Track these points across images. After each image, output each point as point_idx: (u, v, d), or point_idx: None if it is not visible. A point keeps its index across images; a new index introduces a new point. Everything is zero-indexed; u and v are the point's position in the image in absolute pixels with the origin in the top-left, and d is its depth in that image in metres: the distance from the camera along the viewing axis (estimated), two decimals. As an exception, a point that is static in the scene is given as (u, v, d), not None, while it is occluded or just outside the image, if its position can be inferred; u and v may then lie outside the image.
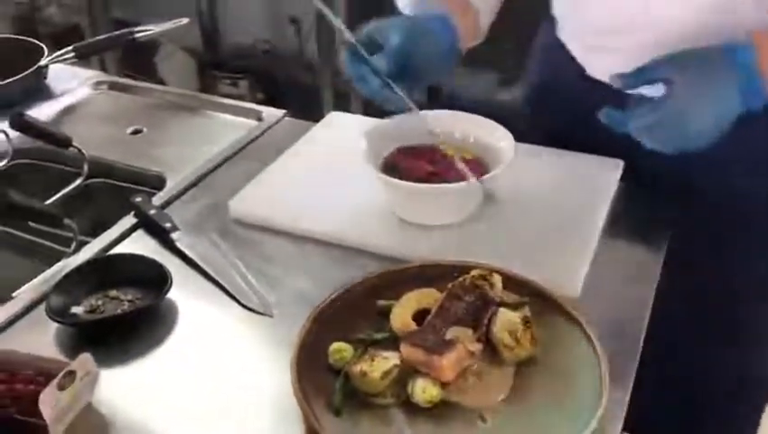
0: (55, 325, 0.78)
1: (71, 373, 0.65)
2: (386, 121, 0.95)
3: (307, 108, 1.29)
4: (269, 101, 1.26)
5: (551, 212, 0.90)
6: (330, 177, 0.98)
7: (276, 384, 0.71)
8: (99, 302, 0.80)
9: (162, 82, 2.68)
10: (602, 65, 0.91)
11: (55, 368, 0.66)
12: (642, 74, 0.79)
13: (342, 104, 2.27)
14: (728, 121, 0.76)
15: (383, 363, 0.66)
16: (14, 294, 0.84)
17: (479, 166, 0.90)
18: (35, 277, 0.87)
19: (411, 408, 0.66)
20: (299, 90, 2.58)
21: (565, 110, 1.00)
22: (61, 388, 0.64)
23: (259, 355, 0.76)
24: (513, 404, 0.67)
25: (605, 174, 0.96)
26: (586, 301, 0.78)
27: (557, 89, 1.03)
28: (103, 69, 2.35)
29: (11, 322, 0.80)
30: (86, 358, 0.66)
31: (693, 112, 0.76)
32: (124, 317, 0.77)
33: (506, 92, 2.58)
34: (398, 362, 0.67)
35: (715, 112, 0.76)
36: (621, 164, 0.97)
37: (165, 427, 0.69)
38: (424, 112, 0.96)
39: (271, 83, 2.68)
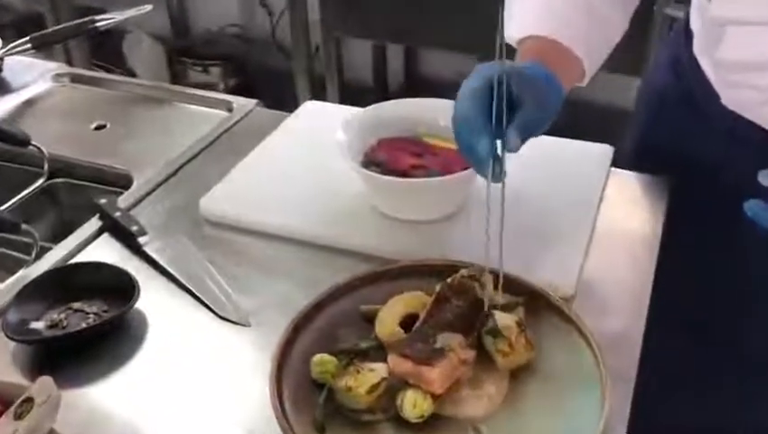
0: (13, 343, 0.72)
1: (29, 400, 0.59)
2: (364, 111, 0.90)
3: (281, 95, 1.24)
4: (242, 88, 1.21)
5: (541, 206, 0.86)
6: (307, 172, 0.93)
7: (256, 399, 0.66)
8: (62, 316, 0.74)
9: (131, 71, 2.60)
10: (740, 98, 0.80)
11: (12, 394, 0.61)
12: None
13: (318, 90, 2.20)
14: None
15: (369, 377, 0.62)
16: (-33, 308, 0.78)
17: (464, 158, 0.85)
18: (-6, 287, 0.81)
19: (401, 423, 0.62)
20: (273, 76, 2.51)
21: (682, 124, 0.89)
22: (18, 417, 0.58)
23: (237, 368, 0.71)
24: (510, 414, 0.62)
25: (596, 162, 0.92)
26: (581, 299, 0.74)
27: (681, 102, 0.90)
28: (68, 60, 2.27)
29: (-36, 340, 0.74)
30: (45, 381, 0.61)
31: None
32: (88, 332, 0.72)
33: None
34: (385, 374, 0.62)
35: None
36: (611, 150, 0.93)
37: (136, 450, 0.64)
38: (405, 100, 0.91)
39: (243, 69, 2.61)
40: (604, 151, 0.93)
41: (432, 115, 0.89)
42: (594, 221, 0.83)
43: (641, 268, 0.79)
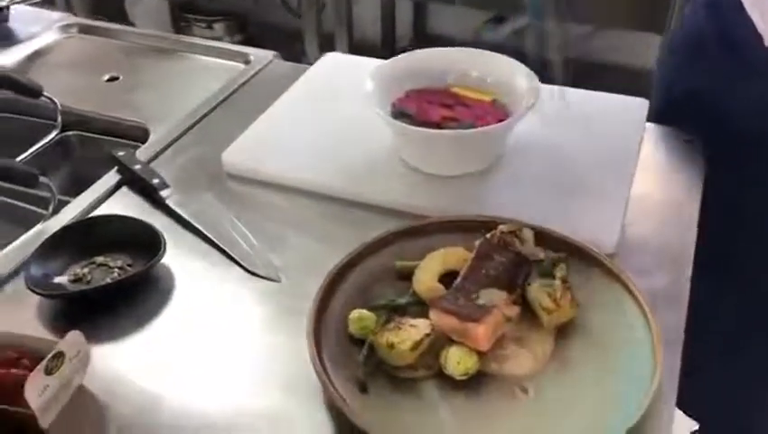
0: (36, 297, 0.69)
1: (60, 355, 0.57)
2: (393, 60, 0.86)
3: (289, 52, 1.19)
4: (246, 44, 1.17)
5: (579, 161, 0.83)
6: (332, 124, 0.90)
7: (289, 357, 0.64)
8: (85, 270, 0.71)
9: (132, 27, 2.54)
10: None
11: (41, 348, 0.59)
12: None
13: (327, 47, 2.15)
14: None
15: (412, 333, 0.59)
16: (-13, 262, 0.75)
17: (498, 109, 0.82)
18: (9, 244, 0.78)
19: (444, 380, 0.60)
20: (277, 32, 2.45)
21: (723, 69, 0.86)
22: (49, 372, 0.56)
23: (268, 325, 0.68)
24: (556, 373, 0.60)
25: (632, 115, 0.88)
26: (623, 256, 0.72)
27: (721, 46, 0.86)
28: (70, 12, 2.20)
29: (-14, 295, 0.72)
30: (76, 336, 0.59)
31: None
32: (115, 286, 0.69)
33: (494, 32, 2.48)
34: (428, 331, 0.60)
35: None
36: (646, 103, 0.90)
37: (168, 406, 0.61)
38: (435, 50, 0.87)
39: (248, 26, 2.55)
40: (640, 104, 0.90)
41: (463, 65, 0.86)
42: (633, 174, 0.80)
43: (683, 225, 0.76)
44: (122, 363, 0.65)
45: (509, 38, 2.45)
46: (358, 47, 2.28)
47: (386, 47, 2.48)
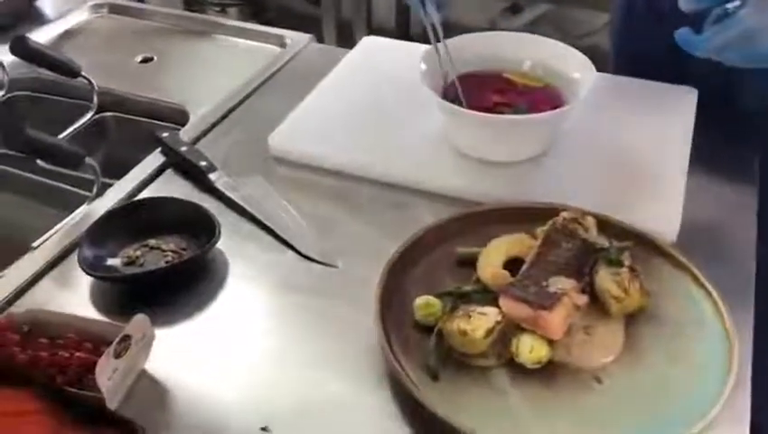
0: (87, 280, 0.68)
1: (126, 338, 0.56)
2: (443, 44, 0.85)
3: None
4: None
5: (632, 147, 0.82)
6: (378, 108, 0.88)
7: (350, 345, 0.63)
8: (138, 253, 0.70)
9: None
10: None
11: (105, 331, 0.58)
12: None
13: (345, 35, 2.13)
14: None
15: (484, 320, 0.58)
16: (33, 244, 0.74)
17: (552, 95, 0.81)
18: (54, 225, 0.77)
19: (515, 369, 0.59)
20: (292, 19, 2.42)
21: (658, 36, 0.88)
22: (117, 355, 0.55)
23: (327, 311, 0.67)
24: (629, 363, 0.59)
25: (682, 103, 0.87)
26: (685, 245, 0.71)
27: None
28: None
29: (35, 278, 0.70)
30: (142, 320, 0.57)
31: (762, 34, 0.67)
32: (172, 270, 0.68)
33: (512, 20, 2.47)
34: (499, 318, 0.59)
35: None
36: (695, 92, 0.89)
37: (228, 391, 0.60)
38: (488, 33, 0.86)
39: (262, 11, 2.52)
40: (689, 92, 0.88)
41: (514, 50, 0.85)
42: (687, 162, 0.79)
43: (741, 213, 0.75)
44: (180, 348, 0.64)
45: (525, 27, 2.44)
46: (375, 34, 2.26)
47: (401, 35, 2.46)
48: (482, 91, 0.82)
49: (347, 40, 2.12)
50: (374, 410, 0.58)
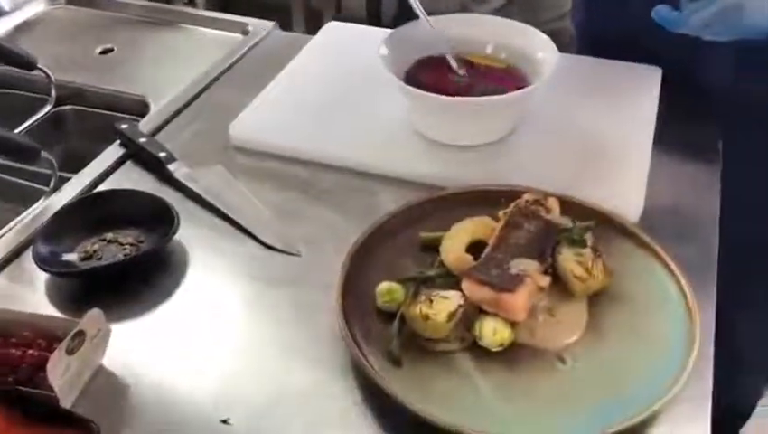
0: (44, 276, 0.67)
1: (80, 334, 0.54)
2: (405, 27, 0.84)
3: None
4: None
5: (596, 128, 0.81)
6: (341, 94, 0.87)
7: (313, 334, 0.62)
8: (95, 247, 0.69)
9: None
10: None
11: (58, 328, 0.56)
12: None
13: (314, 21, 2.11)
14: None
15: (446, 304, 0.58)
16: (-12, 241, 0.72)
17: (515, 76, 0.81)
18: (10, 221, 0.75)
19: (479, 352, 0.58)
20: (258, 7, 2.39)
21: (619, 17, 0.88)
22: (71, 351, 0.54)
23: (290, 300, 0.66)
24: (592, 342, 0.59)
25: (646, 82, 0.87)
26: (648, 225, 0.70)
27: None
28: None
29: (-10, 274, 0.69)
30: (96, 314, 0.56)
31: (750, 5, 0.67)
32: (129, 263, 0.66)
33: (482, 5, 2.45)
34: (461, 301, 0.58)
35: None
36: (659, 71, 0.88)
37: (189, 385, 0.59)
38: (449, 16, 0.85)
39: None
40: (653, 72, 0.88)
41: (476, 32, 0.84)
42: (652, 142, 0.79)
43: (705, 191, 0.75)
44: (138, 343, 0.62)
45: (495, 11, 2.43)
46: (344, 21, 2.24)
47: (372, 21, 2.44)
48: (444, 74, 0.81)
49: (317, 29, 2.09)
50: (338, 398, 0.58)
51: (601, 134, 0.81)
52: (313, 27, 2.10)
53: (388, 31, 0.84)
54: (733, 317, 0.70)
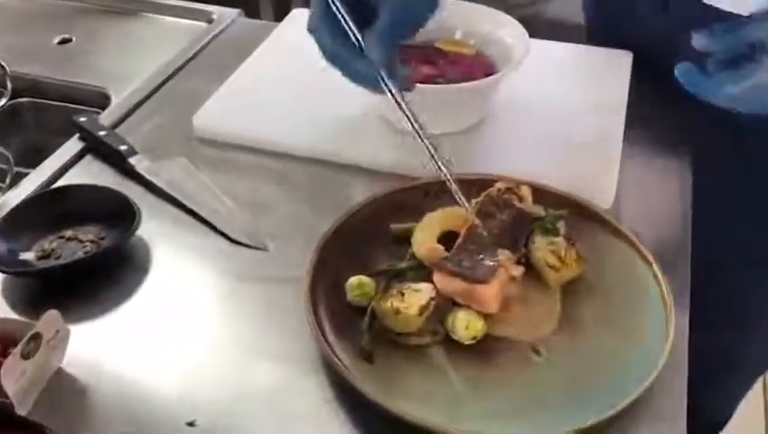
0: (1, 276, 0.64)
1: (37, 337, 0.52)
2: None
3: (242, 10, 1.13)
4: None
5: (567, 114, 0.80)
6: (308, 83, 0.85)
7: (284, 330, 0.60)
8: (54, 245, 0.66)
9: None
10: None
11: (14, 331, 0.54)
12: (735, 33, 0.60)
13: (282, 6, 2.07)
14: None
15: (417, 297, 0.56)
16: (-59, 241, 0.69)
17: (484, 63, 0.79)
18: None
19: (452, 346, 0.57)
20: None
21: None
22: (26, 356, 0.51)
23: (258, 295, 0.64)
24: (566, 333, 0.58)
25: (617, 67, 0.86)
26: (620, 212, 0.70)
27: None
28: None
29: (-57, 276, 0.66)
30: (53, 316, 0.54)
31: None
32: (89, 261, 0.64)
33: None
34: (433, 294, 0.57)
35: None
36: (630, 55, 0.88)
37: (153, 386, 0.57)
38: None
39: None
40: (624, 56, 0.87)
41: (446, 19, 0.82)
42: (623, 128, 0.78)
43: (677, 175, 0.75)
44: (100, 343, 0.60)
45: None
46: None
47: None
48: (414, 62, 0.80)
49: (286, 15, 2.06)
50: (308, 395, 0.56)
51: (572, 120, 0.79)
52: (281, 14, 2.07)
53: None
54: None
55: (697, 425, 0.58)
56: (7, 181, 0.76)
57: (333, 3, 0.63)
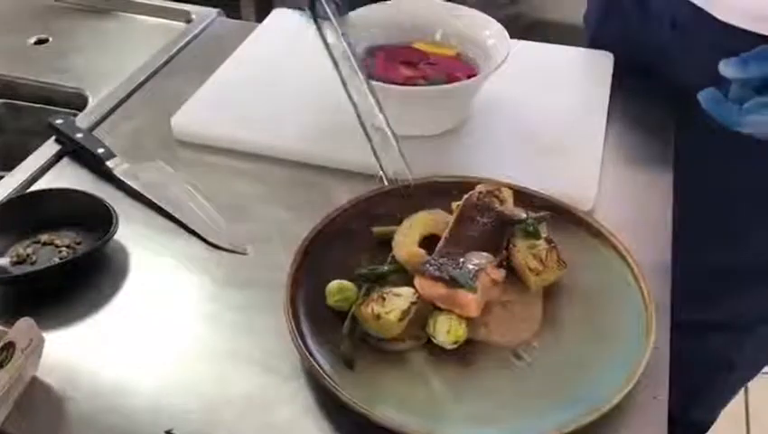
0: (-25, 282, 0.63)
1: (10, 346, 0.51)
2: (352, 14, 0.81)
3: (225, 12, 1.12)
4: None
5: (548, 116, 0.80)
6: (289, 84, 0.84)
7: (264, 335, 0.60)
8: (29, 250, 0.65)
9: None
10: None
11: (-13, 340, 0.53)
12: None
13: (264, 5, 2.06)
14: None
15: (398, 302, 0.56)
16: None
17: (465, 64, 0.79)
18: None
19: (433, 350, 0.56)
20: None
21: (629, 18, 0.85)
22: (-1, 366, 0.50)
23: (237, 302, 0.63)
24: (548, 337, 0.58)
25: (598, 68, 0.86)
26: (601, 214, 0.70)
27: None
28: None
29: None
30: (26, 324, 0.53)
31: None
32: (65, 267, 0.63)
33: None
34: (414, 299, 0.56)
35: None
36: (611, 57, 0.88)
37: (131, 394, 0.56)
38: (396, 2, 0.83)
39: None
40: (605, 57, 0.87)
41: (426, 18, 0.82)
42: (604, 129, 0.78)
43: (658, 178, 0.75)
44: (77, 351, 0.59)
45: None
46: (292, 7, 2.19)
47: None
48: (393, 64, 0.79)
49: (268, 13, 2.05)
50: (288, 403, 0.55)
51: (554, 121, 0.79)
52: (263, 12, 2.06)
53: (343, 17, 0.81)
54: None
55: (679, 429, 0.59)
56: (-18, 185, 0.74)
57: None
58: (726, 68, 0.60)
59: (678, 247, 0.67)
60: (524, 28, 1.02)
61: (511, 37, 0.78)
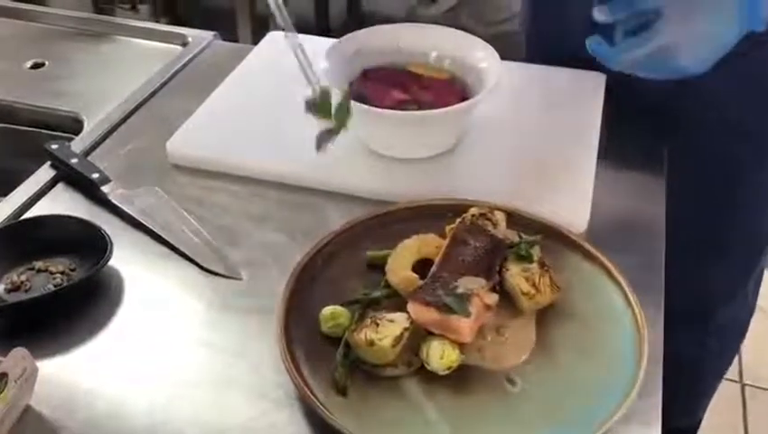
0: (-31, 310, 0.63)
1: (3, 376, 0.51)
2: (347, 38, 0.82)
3: (220, 35, 1.13)
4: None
5: (541, 137, 0.81)
6: (283, 107, 0.84)
7: (258, 362, 0.60)
8: (23, 277, 0.65)
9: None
10: None
11: (-20, 370, 0.53)
12: (631, 3, 0.69)
13: (260, 29, 2.07)
14: (723, 52, 0.69)
15: (391, 328, 0.56)
16: None
17: (458, 87, 0.79)
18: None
19: (426, 376, 0.57)
20: (206, 14, 2.34)
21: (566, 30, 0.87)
22: (-7, 396, 0.50)
23: (232, 328, 0.63)
24: (541, 361, 0.58)
25: (590, 89, 0.87)
26: (594, 236, 0.70)
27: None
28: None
29: None
30: (20, 353, 0.53)
31: (683, 48, 0.68)
32: (59, 294, 0.63)
33: (429, 8, 2.44)
34: (407, 325, 0.57)
35: (707, 47, 0.69)
36: (603, 77, 0.88)
37: (124, 421, 0.56)
38: (390, 27, 0.83)
39: (174, 7, 2.43)
40: (597, 78, 0.88)
41: (419, 42, 0.82)
42: (596, 151, 0.78)
43: (651, 198, 0.75)
44: (71, 380, 0.59)
45: (443, 15, 2.42)
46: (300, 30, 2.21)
47: (320, 27, 2.42)
48: (387, 86, 0.80)
49: (264, 34, 2.06)
50: (281, 429, 0.55)
51: (546, 143, 0.80)
52: (260, 35, 2.07)
53: (333, 41, 0.82)
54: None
55: None
56: (-23, 211, 0.74)
57: None
58: (599, 14, 0.69)
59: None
60: (518, 45, 1.02)
61: (505, 54, 0.78)
